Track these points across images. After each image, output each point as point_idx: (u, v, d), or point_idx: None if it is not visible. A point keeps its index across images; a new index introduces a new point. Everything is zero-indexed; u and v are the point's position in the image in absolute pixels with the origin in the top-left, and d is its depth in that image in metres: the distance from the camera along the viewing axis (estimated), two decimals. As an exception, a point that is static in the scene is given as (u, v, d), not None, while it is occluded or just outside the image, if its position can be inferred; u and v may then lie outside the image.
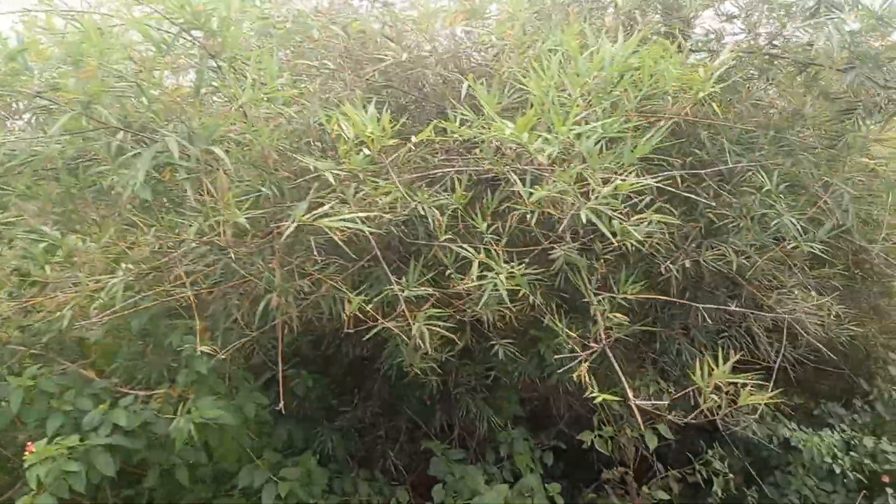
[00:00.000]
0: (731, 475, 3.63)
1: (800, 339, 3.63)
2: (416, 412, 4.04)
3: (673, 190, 2.39)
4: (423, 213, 2.01)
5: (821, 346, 3.86)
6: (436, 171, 2.26)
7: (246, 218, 1.77)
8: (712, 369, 1.82)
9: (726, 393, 1.80)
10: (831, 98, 2.76)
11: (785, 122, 2.53)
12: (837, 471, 3.93)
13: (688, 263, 2.44)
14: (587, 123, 1.71)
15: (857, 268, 4.42)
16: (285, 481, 2.55)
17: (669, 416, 3.13)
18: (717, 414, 1.79)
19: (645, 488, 3.58)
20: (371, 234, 2.16)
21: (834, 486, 4.23)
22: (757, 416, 3.44)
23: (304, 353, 3.77)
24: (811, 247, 2.19)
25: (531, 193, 1.67)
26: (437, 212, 1.99)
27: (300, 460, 2.94)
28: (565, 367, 3.38)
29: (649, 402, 1.85)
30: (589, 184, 1.68)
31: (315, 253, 1.92)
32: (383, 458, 3.96)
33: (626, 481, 3.55)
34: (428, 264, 2.10)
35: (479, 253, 1.76)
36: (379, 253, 2.05)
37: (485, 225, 1.81)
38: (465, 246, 1.75)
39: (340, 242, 1.80)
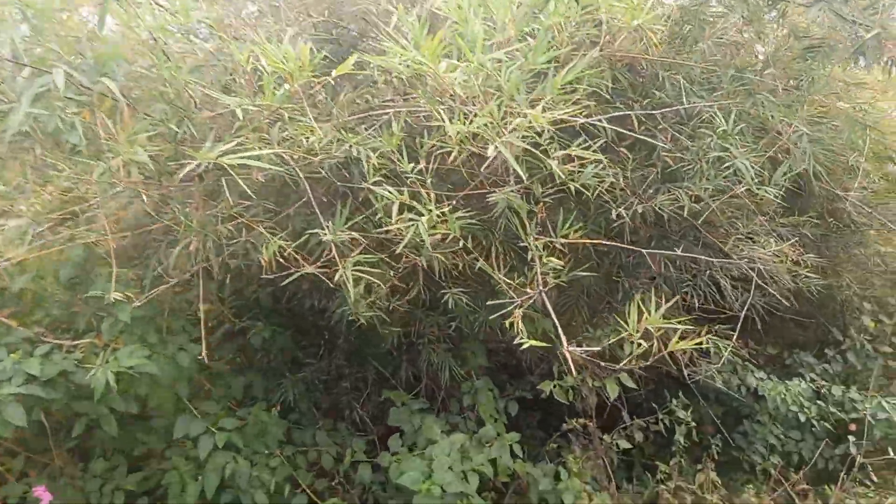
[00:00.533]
0: (693, 424, 3.62)
1: (769, 288, 3.59)
2: (383, 363, 4.00)
3: (628, 132, 2.28)
4: (357, 155, 1.91)
5: (790, 295, 3.83)
6: (377, 112, 2.16)
7: (166, 160, 1.67)
8: (644, 314, 1.74)
9: (661, 339, 1.73)
10: (799, 36, 2.62)
11: (747, 61, 2.40)
12: (803, 419, 3.92)
13: (640, 209, 2.35)
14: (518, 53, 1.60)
15: (831, 216, 4.35)
16: (223, 431, 2.50)
17: (626, 367, 3.10)
18: (649, 360, 1.72)
19: (608, 437, 3.57)
20: (307, 177, 2.07)
21: (802, 434, 4.25)
22: (720, 365, 3.40)
23: (264, 304, 3.71)
24: (765, 191, 2.08)
25: (457, 131, 1.57)
26: (371, 153, 1.89)
27: (252, 411, 2.90)
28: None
29: (580, 350, 1.77)
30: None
31: (236, 196, 1.82)
32: (349, 410, 3.95)
33: (590, 431, 3.54)
34: (360, 207, 2.00)
35: (401, 195, 1.66)
36: (311, 196, 1.95)
37: (410, 166, 1.71)
38: (388, 188, 1.66)
39: (262, 183, 1.69)
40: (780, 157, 2.51)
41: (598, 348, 1.73)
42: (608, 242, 2.22)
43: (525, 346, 1.76)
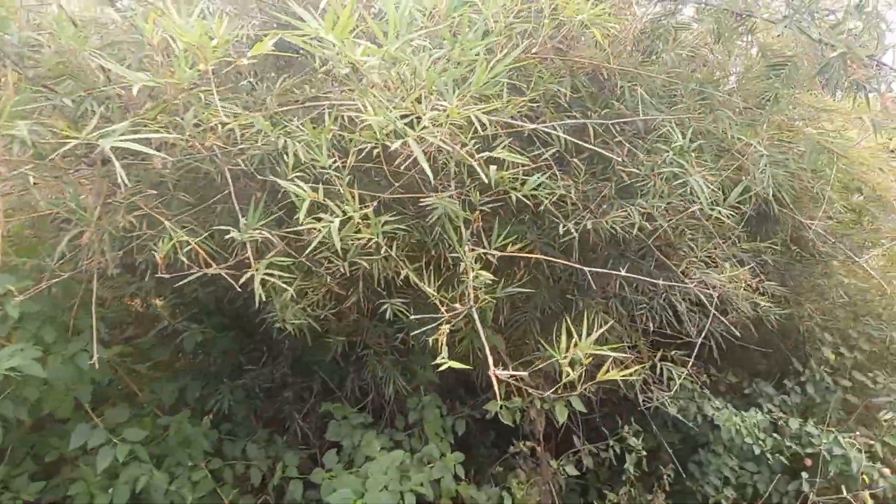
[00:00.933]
0: (643, 453, 3.49)
1: (727, 315, 3.49)
2: (329, 373, 3.83)
3: (582, 143, 2.16)
4: (284, 147, 1.76)
5: (750, 323, 3.74)
6: (316, 103, 2.01)
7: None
8: (575, 339, 1.60)
9: (590, 365, 1.59)
10: (766, 53, 2.53)
11: (710, 75, 2.30)
12: (757, 451, 3.81)
13: (591, 225, 2.22)
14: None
15: (796, 244, 4.28)
16: (125, 443, 2.31)
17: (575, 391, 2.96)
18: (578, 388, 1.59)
19: (555, 462, 3.42)
20: (230, 170, 1.91)
21: (758, 466, 4.14)
22: (674, 392, 3.28)
23: (205, 303, 3.52)
24: (719, 212, 1.97)
25: (379, 125, 1.42)
26: (297, 146, 1.74)
27: (175, 419, 2.71)
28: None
29: (508, 374, 1.63)
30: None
31: (146, 185, 1.65)
32: (290, 421, 3.76)
33: (537, 455, 3.39)
34: (286, 206, 1.85)
35: (315, 192, 1.50)
36: (232, 190, 1.79)
37: (329, 160, 1.56)
38: (301, 185, 1.50)
39: (181, 174, 1.53)
40: (741, 178, 2.40)
41: (525, 373, 1.57)
42: (545, 257, 2.08)
43: (443, 367, 1.61)
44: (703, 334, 3.35)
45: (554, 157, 2.35)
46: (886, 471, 3.77)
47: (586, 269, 1.98)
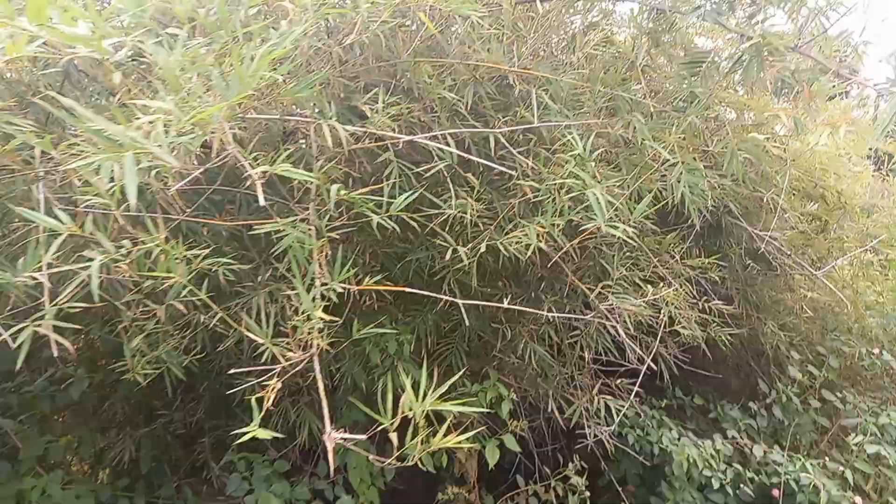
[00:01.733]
0: (587, 494, 3.18)
1: (679, 336, 3.22)
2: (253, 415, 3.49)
3: (467, 156, 1.88)
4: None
5: (703, 344, 3.46)
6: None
7: None
8: (422, 391, 1.32)
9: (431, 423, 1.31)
10: (686, 50, 2.28)
11: (618, 76, 2.04)
12: (716, 485, 3.51)
13: (483, 247, 1.94)
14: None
15: (752, 258, 4.03)
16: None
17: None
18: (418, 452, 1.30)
19: (492, 508, 3.11)
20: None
21: (725, 498, 3.84)
22: (615, 424, 2.98)
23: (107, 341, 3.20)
24: (624, 230, 1.69)
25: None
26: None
27: (39, 481, 2.38)
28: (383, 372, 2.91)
29: (342, 436, 1.33)
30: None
31: None
32: (206, 471, 3.43)
33: (470, 501, 3.08)
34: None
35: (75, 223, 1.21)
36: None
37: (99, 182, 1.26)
38: (59, 214, 1.21)
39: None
40: (661, 190, 2.13)
41: (363, 436, 1.29)
42: (395, 288, 1.79)
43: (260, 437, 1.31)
44: (651, 358, 3.09)
45: (449, 171, 2.08)
46: (858, 500, 3.47)
47: (460, 301, 1.69)
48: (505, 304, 1.72)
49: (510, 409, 2.79)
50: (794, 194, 4.10)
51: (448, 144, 1.95)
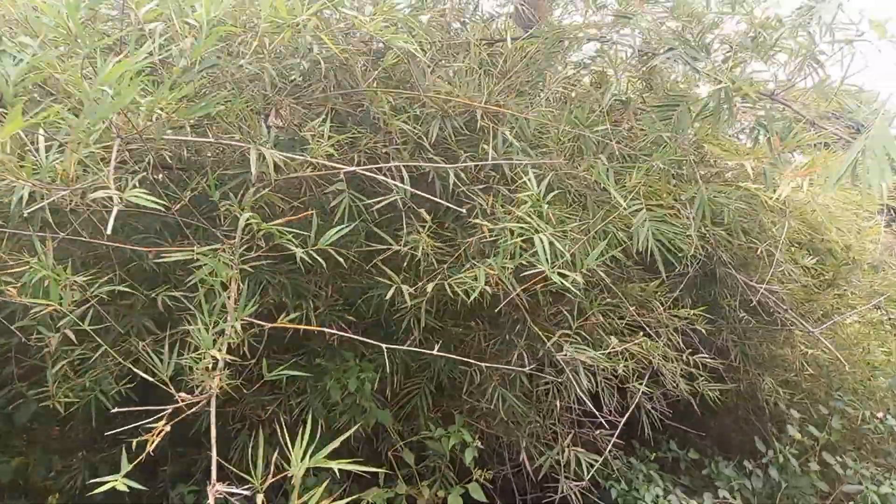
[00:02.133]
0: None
1: (663, 386, 3.07)
2: (223, 445, 3.39)
3: (418, 192, 1.80)
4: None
5: (690, 398, 3.30)
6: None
7: None
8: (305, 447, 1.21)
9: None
10: (664, 92, 2.19)
11: (584, 115, 1.95)
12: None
13: (429, 288, 1.84)
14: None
15: (748, 310, 3.86)
16: None
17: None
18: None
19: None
20: None
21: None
22: (591, 474, 2.81)
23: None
24: (573, 280, 1.58)
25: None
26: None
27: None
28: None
29: (225, 489, 1.22)
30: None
31: None
32: (166, 501, 3.31)
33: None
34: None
35: None
36: None
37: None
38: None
39: None
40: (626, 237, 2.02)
41: (246, 491, 1.18)
42: (330, 330, 1.69)
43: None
44: (638, 409, 2.95)
45: (396, 207, 1.99)
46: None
47: (384, 345, 1.59)
48: (445, 354, 1.60)
49: (474, 456, 2.65)
50: (795, 247, 3.94)
51: (402, 177, 1.87)
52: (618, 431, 2.89)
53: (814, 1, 1.67)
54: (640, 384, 2.76)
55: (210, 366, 1.27)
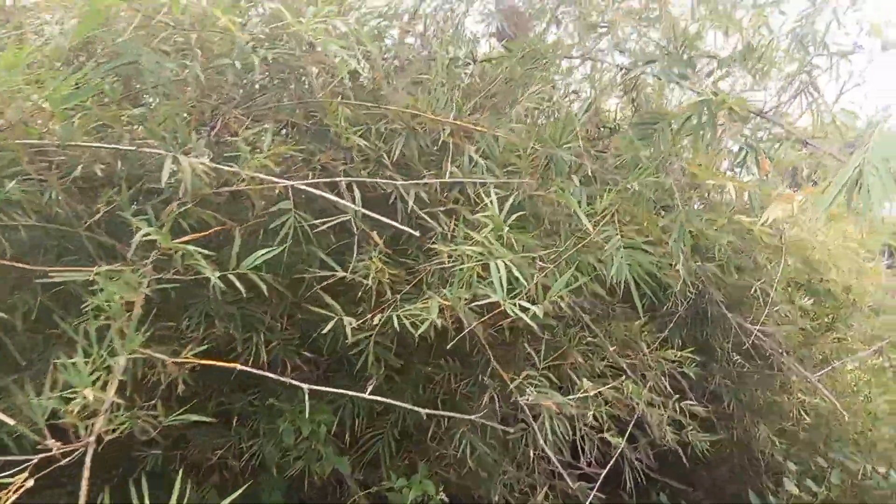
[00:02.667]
0: None
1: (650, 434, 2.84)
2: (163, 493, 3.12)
3: (369, 213, 1.62)
4: None
5: (678, 447, 3.06)
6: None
7: None
8: None
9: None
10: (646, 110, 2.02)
11: (556, 133, 1.77)
12: None
13: (375, 320, 1.64)
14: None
15: (741, 354, 3.64)
16: None
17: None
18: None
19: None
20: None
21: None
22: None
23: None
24: (533, 313, 1.38)
25: None
26: None
27: None
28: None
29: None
30: None
31: None
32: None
33: None
34: None
35: None
36: None
37: None
38: None
39: None
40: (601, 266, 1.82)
41: None
42: (232, 365, 1.48)
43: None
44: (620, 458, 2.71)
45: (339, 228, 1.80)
46: None
47: (339, 390, 1.38)
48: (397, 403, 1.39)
49: (439, 510, 2.40)
50: (792, 287, 3.75)
51: (353, 196, 1.68)
52: (598, 483, 2.64)
53: (808, 10, 1.50)
54: (620, 435, 2.54)
55: (83, 407, 1.06)
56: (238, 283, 1.30)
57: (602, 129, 2.73)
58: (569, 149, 1.75)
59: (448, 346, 2.62)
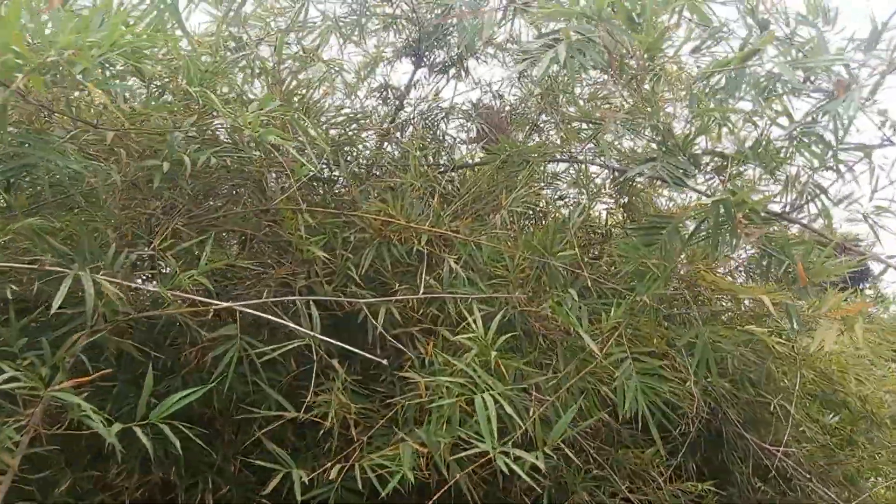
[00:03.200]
0: None
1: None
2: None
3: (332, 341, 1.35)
4: None
5: None
6: None
7: None
8: None
9: None
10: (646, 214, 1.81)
11: (545, 238, 1.54)
12: None
13: (333, 473, 1.32)
14: None
15: (763, 478, 3.27)
16: None
17: None
18: None
19: None
20: None
21: None
22: None
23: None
24: (533, 463, 1.09)
25: None
26: None
27: None
28: None
29: None
30: None
31: None
32: None
33: None
34: None
35: None
36: None
37: None
38: None
39: None
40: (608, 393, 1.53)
41: None
42: None
43: None
44: None
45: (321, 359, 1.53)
46: None
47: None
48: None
49: None
50: (808, 399, 3.44)
51: (310, 317, 1.42)
52: None
53: (827, 101, 1.32)
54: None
55: None
56: (143, 438, 1.00)
57: (594, 234, 2.53)
58: (563, 257, 1.51)
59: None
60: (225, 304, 1.18)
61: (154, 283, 1.28)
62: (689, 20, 1.47)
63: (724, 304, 2.83)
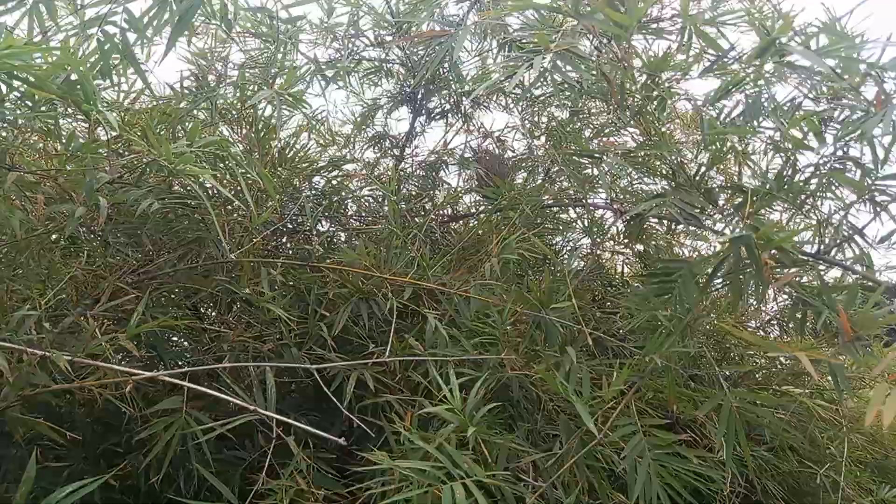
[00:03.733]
0: None
1: None
2: None
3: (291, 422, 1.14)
4: None
5: None
6: None
7: None
8: None
9: None
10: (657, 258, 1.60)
11: (541, 294, 1.33)
12: None
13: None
14: None
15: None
16: None
17: None
18: None
19: None
20: None
21: None
22: None
23: None
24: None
25: None
26: None
27: None
28: None
29: None
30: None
31: None
32: None
33: None
34: None
35: None
36: None
37: None
38: None
39: None
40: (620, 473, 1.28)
41: None
42: None
43: None
44: None
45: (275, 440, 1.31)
46: None
47: None
48: None
49: None
50: (858, 468, 3.09)
51: (263, 387, 1.22)
52: None
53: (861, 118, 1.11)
54: None
55: None
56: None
57: (610, 287, 2.31)
58: (559, 310, 1.30)
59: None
60: (147, 374, 0.98)
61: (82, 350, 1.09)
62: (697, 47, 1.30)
63: (756, 361, 2.56)
